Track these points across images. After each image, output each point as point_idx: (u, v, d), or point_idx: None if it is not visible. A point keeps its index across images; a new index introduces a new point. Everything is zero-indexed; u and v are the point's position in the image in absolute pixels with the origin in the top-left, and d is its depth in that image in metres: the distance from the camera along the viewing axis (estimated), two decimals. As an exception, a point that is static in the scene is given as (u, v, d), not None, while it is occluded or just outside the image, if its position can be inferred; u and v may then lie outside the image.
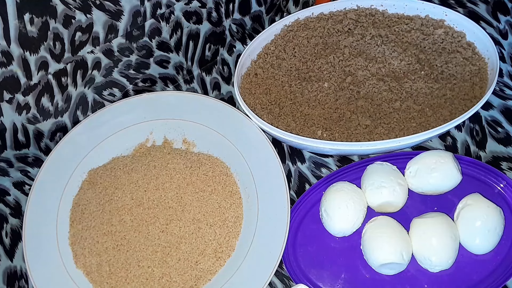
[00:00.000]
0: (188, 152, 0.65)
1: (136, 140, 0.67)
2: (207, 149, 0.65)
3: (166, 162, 0.64)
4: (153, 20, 0.67)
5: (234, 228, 0.59)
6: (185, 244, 0.58)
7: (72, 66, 0.65)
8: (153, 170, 0.64)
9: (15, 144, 0.67)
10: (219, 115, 0.66)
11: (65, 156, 0.65)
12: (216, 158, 0.64)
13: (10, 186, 0.66)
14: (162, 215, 0.60)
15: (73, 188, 0.64)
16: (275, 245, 0.55)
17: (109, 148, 0.66)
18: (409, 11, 0.69)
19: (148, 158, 0.65)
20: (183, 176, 0.63)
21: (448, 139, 0.63)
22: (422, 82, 0.62)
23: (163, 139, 0.67)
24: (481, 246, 0.51)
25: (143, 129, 0.67)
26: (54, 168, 0.64)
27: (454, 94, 0.61)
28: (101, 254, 0.59)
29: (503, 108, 0.64)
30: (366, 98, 0.62)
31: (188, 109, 0.67)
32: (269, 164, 0.61)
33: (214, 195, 0.61)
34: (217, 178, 0.62)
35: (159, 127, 0.67)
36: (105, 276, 0.57)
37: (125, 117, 0.68)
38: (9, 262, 0.60)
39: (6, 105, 0.63)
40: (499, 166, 0.60)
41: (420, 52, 0.65)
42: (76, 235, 0.60)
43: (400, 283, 0.52)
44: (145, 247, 0.58)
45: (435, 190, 0.55)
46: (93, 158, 0.66)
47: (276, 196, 0.58)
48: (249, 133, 0.63)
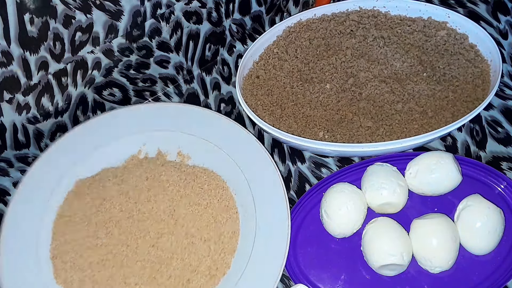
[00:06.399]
0: (183, 165, 0.63)
1: (128, 151, 0.64)
2: (202, 162, 0.63)
3: (159, 173, 0.62)
4: (153, 20, 0.67)
5: (230, 244, 0.56)
6: (176, 260, 0.55)
7: (72, 66, 0.65)
8: (145, 181, 0.61)
9: (15, 144, 0.67)
10: (215, 127, 0.63)
11: (53, 163, 0.62)
12: (212, 172, 0.62)
13: (10, 186, 0.66)
14: (153, 229, 0.57)
15: (58, 198, 0.61)
16: (274, 262, 0.52)
17: (100, 159, 0.63)
18: (411, 13, 0.69)
19: (140, 169, 0.62)
20: (176, 188, 0.60)
21: (448, 139, 0.63)
22: (424, 84, 0.62)
23: (157, 151, 0.64)
24: (482, 247, 0.51)
25: (136, 140, 0.65)
26: (40, 174, 0.61)
27: (456, 96, 0.61)
28: (84, 269, 0.55)
29: (503, 108, 0.64)
30: (368, 99, 0.62)
31: (183, 121, 0.65)
32: (267, 176, 0.58)
33: (209, 209, 0.58)
34: (212, 192, 0.60)
35: (153, 139, 0.65)
36: None
37: (118, 128, 0.65)
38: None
39: (6, 105, 0.63)
40: (499, 166, 0.60)
41: (422, 54, 0.65)
42: (58, 248, 0.57)
43: (401, 284, 0.52)
44: (133, 262, 0.55)
45: (435, 191, 0.55)
46: (81, 167, 0.63)
47: (275, 210, 0.56)
48: (246, 145, 0.61)
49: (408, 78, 0.63)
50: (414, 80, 0.62)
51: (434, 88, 0.61)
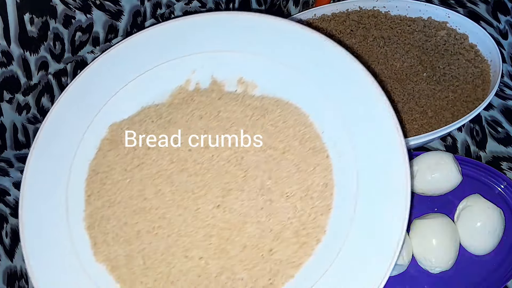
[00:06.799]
0: (247, 96, 0.48)
1: (173, 82, 0.50)
2: (273, 91, 0.48)
3: (216, 110, 0.48)
4: (153, 20, 0.67)
5: (322, 200, 0.43)
6: (251, 225, 0.42)
7: (72, 66, 0.64)
8: (199, 121, 0.48)
9: (15, 144, 0.67)
10: (289, 41, 0.48)
11: (77, 105, 0.49)
12: (288, 102, 0.47)
13: (10, 186, 0.65)
14: (216, 184, 0.44)
15: (89, 149, 0.48)
16: (389, 223, 0.39)
17: (137, 94, 0.50)
18: (411, 13, 0.69)
19: (191, 106, 0.49)
20: (242, 128, 0.46)
21: (448, 139, 0.63)
22: (424, 84, 0.62)
23: (210, 79, 0.50)
24: (482, 247, 0.51)
25: (181, 66, 0.50)
26: (61, 123, 0.48)
27: (456, 96, 0.61)
28: (132, 240, 0.43)
29: (503, 108, 0.64)
30: (368, 99, 0.62)
31: (244, 36, 0.49)
32: (370, 105, 0.43)
33: (289, 155, 0.45)
34: (291, 130, 0.46)
35: (204, 64, 0.50)
36: (138, 272, 0.42)
37: (157, 51, 0.50)
38: (9, 262, 0.60)
39: (6, 105, 0.63)
40: (499, 166, 0.60)
41: (422, 54, 0.65)
42: (95, 215, 0.45)
43: (400, 284, 0.52)
44: (194, 230, 0.43)
45: (435, 191, 0.55)
46: (115, 107, 0.49)
47: (384, 150, 0.42)
48: (336, 62, 0.46)
49: (408, 78, 0.63)
50: (414, 80, 0.62)
51: (434, 88, 0.61)
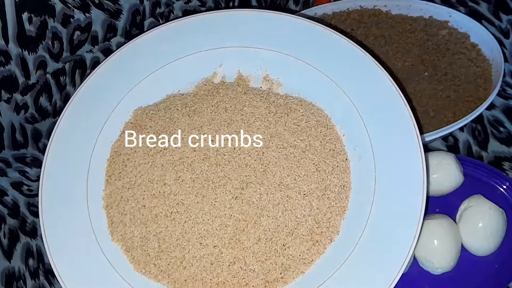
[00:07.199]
0: (272, 94, 0.49)
1: (200, 73, 0.51)
2: (297, 91, 0.49)
3: (241, 104, 0.48)
4: (152, 19, 0.66)
5: (338, 201, 0.44)
6: (267, 219, 0.43)
7: (71, 66, 0.64)
8: (224, 113, 0.48)
9: (13, 144, 0.66)
10: (317, 43, 0.49)
11: (103, 88, 0.50)
12: (311, 103, 0.48)
13: (8, 186, 0.65)
14: (236, 176, 0.45)
15: (113, 132, 0.49)
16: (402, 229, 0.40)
17: (163, 82, 0.51)
18: (412, 12, 0.68)
19: (216, 97, 0.49)
20: (265, 124, 0.47)
21: (450, 139, 0.63)
22: (426, 84, 0.61)
23: (237, 73, 0.51)
24: (483, 247, 0.51)
25: (209, 59, 0.51)
26: (87, 103, 0.49)
27: (457, 96, 0.60)
28: (148, 223, 0.44)
29: (505, 108, 0.64)
30: (369, 99, 0.62)
31: (272, 34, 0.50)
32: (393, 113, 0.45)
33: (309, 154, 0.45)
34: (313, 131, 0.46)
35: (232, 58, 0.51)
36: (152, 255, 0.43)
37: (186, 42, 0.51)
38: (7, 263, 0.60)
39: (4, 105, 0.62)
40: (501, 166, 0.60)
41: (423, 53, 0.64)
42: (114, 195, 0.46)
43: (402, 285, 0.52)
44: (211, 218, 0.44)
45: (437, 191, 0.55)
46: (141, 93, 0.50)
47: (403, 158, 0.43)
48: (360, 66, 0.47)
49: (409, 78, 0.62)
50: (415, 79, 0.62)
51: (436, 88, 0.61)
